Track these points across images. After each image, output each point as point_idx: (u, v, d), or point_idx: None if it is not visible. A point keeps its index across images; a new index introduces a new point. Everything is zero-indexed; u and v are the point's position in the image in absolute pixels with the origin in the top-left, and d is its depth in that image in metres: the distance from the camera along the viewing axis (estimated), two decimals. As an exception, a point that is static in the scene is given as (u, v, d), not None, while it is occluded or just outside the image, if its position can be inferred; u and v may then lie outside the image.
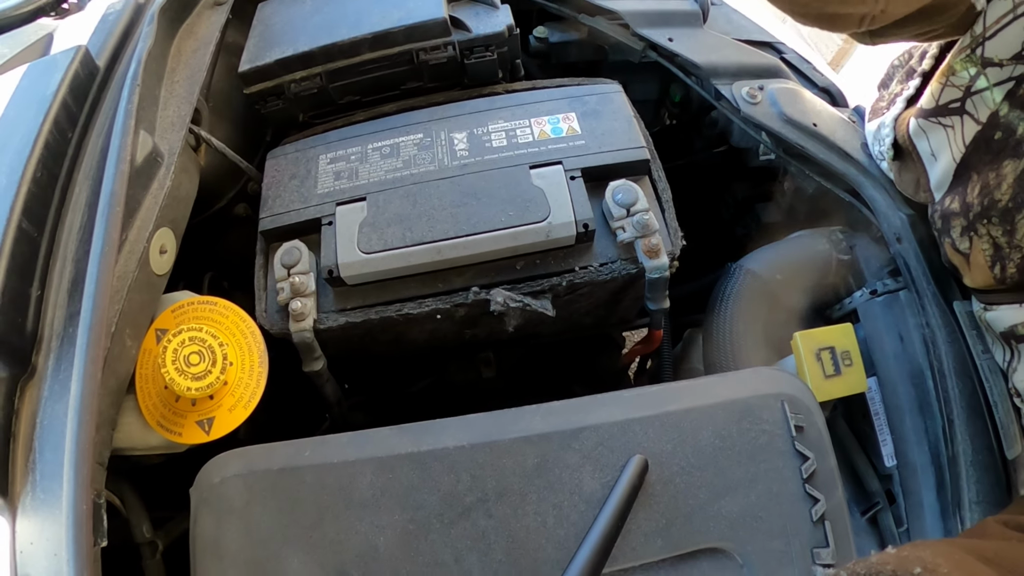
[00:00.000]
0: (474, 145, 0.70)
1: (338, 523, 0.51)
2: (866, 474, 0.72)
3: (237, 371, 0.61)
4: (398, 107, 0.78)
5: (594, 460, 0.52)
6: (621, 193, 0.66)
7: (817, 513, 0.51)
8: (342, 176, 0.70)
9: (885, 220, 0.72)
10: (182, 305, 0.63)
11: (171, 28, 0.73)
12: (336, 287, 0.66)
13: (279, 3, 0.84)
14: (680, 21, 0.85)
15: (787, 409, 0.55)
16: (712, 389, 0.57)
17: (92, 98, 0.66)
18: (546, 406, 0.55)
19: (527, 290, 0.65)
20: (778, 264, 0.77)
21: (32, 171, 0.57)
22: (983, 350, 0.65)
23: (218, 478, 0.54)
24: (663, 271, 0.65)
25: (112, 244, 0.51)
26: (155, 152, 0.62)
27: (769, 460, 0.53)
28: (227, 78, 0.81)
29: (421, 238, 0.64)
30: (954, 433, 0.63)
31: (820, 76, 0.87)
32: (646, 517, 0.51)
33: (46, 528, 0.46)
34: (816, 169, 0.77)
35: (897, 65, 0.75)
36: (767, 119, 0.76)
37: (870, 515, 0.71)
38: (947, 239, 0.65)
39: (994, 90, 0.57)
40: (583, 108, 0.72)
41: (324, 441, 0.55)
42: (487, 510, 0.51)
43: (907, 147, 0.69)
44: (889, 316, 0.72)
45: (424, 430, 0.55)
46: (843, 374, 0.68)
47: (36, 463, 0.49)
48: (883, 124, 0.72)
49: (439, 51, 0.75)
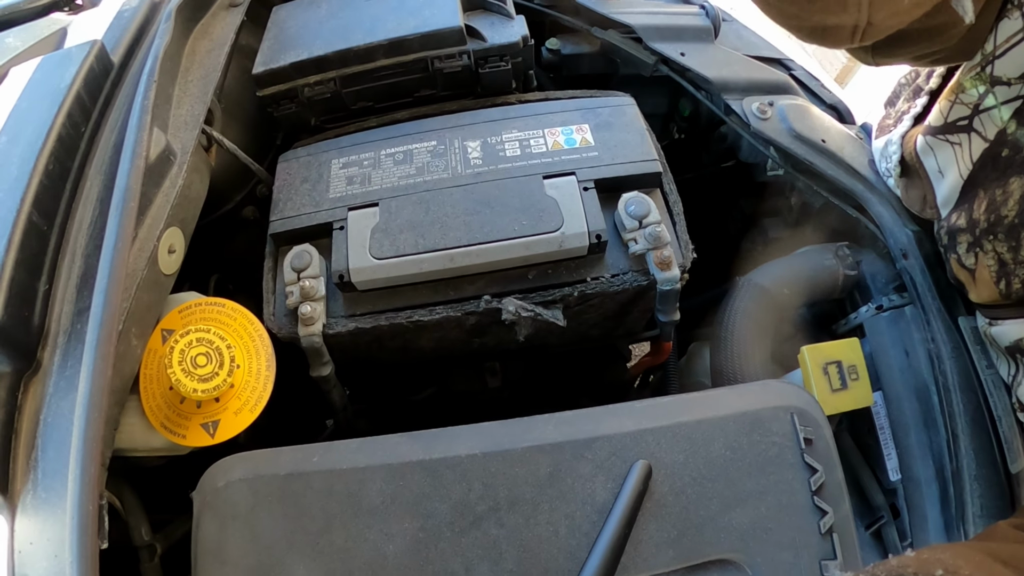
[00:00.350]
0: (488, 154, 0.70)
1: (346, 530, 0.51)
2: (871, 488, 0.73)
3: (244, 374, 0.61)
4: (411, 114, 0.78)
5: (607, 470, 0.52)
6: (634, 205, 0.67)
7: (825, 525, 0.51)
8: (354, 181, 0.70)
9: (891, 236, 0.73)
10: (189, 306, 0.63)
11: (187, 27, 0.73)
12: (346, 292, 0.66)
13: (294, 6, 0.84)
14: (692, 36, 0.86)
15: (796, 422, 0.55)
16: (723, 401, 0.57)
17: (106, 93, 0.66)
18: (558, 415, 0.55)
19: (538, 300, 0.65)
20: (785, 279, 0.78)
21: (44, 163, 0.56)
22: (987, 365, 0.66)
23: (223, 482, 0.53)
24: (674, 283, 0.65)
25: (126, 240, 0.51)
26: (168, 150, 0.62)
27: (779, 472, 0.53)
28: (240, 80, 0.81)
29: (433, 245, 0.64)
30: (958, 447, 0.64)
31: (828, 93, 0.88)
32: (657, 527, 0.51)
33: (47, 528, 0.45)
34: (824, 185, 0.78)
35: (904, 83, 0.76)
36: (776, 135, 0.77)
37: (874, 529, 0.71)
38: (953, 255, 0.66)
39: (1002, 108, 0.58)
40: (596, 120, 0.73)
41: (332, 447, 0.54)
42: (499, 519, 0.51)
43: (914, 164, 0.70)
44: (895, 331, 0.72)
45: (435, 437, 0.54)
46: (850, 388, 0.68)
47: (38, 461, 0.48)
48: (890, 141, 0.73)
49: (454, 59, 0.75)
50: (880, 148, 0.76)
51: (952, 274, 0.68)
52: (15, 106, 0.61)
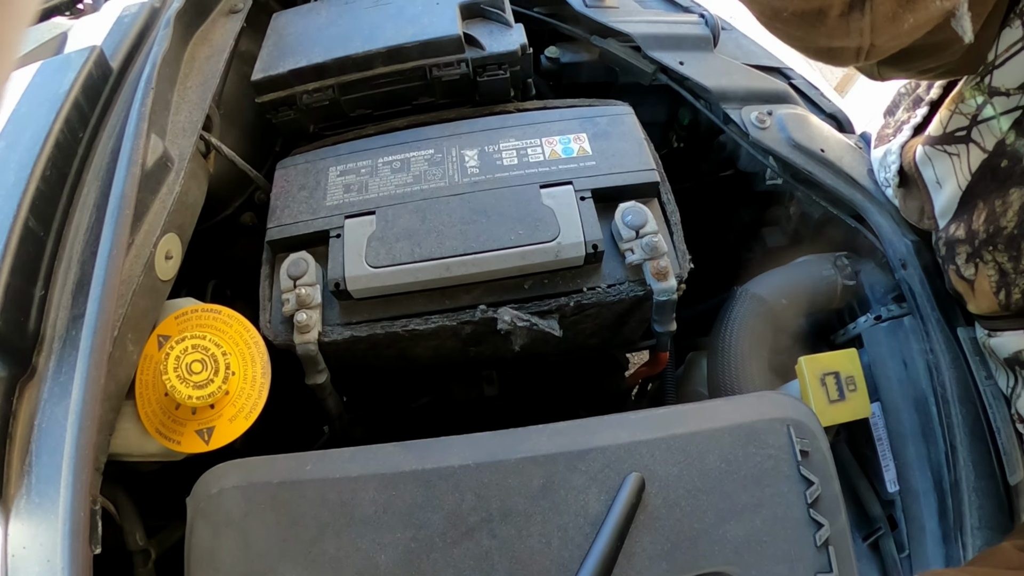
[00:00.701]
0: (485, 162, 0.70)
1: (338, 539, 0.50)
2: (868, 499, 0.72)
3: (239, 381, 0.61)
4: (409, 122, 0.78)
5: (600, 482, 0.52)
6: (631, 215, 0.67)
7: (821, 538, 0.51)
8: (352, 189, 0.70)
9: (890, 246, 0.73)
10: (185, 312, 0.63)
11: (186, 33, 0.73)
12: (342, 300, 0.66)
13: (294, 13, 0.84)
14: (691, 45, 0.86)
15: (792, 434, 0.54)
16: (718, 413, 0.57)
17: (104, 99, 0.66)
18: (552, 426, 0.55)
19: (535, 309, 0.65)
20: (783, 289, 0.78)
21: (41, 169, 0.56)
22: (986, 376, 0.66)
23: (216, 488, 0.53)
24: (671, 294, 0.65)
25: (120, 247, 0.51)
26: (165, 157, 0.62)
27: (774, 484, 0.53)
28: (239, 86, 0.81)
29: (430, 254, 0.64)
30: (956, 459, 0.64)
31: (827, 102, 0.88)
32: (651, 540, 0.51)
33: (40, 533, 0.45)
34: (823, 194, 0.78)
35: (904, 93, 0.76)
36: (775, 144, 0.77)
37: (872, 540, 0.71)
38: (952, 266, 0.66)
39: (1001, 119, 0.58)
40: (594, 129, 0.73)
41: (326, 455, 0.54)
42: (491, 530, 0.50)
43: (913, 175, 0.70)
44: (893, 342, 0.72)
45: (429, 448, 0.54)
46: (847, 399, 0.68)
47: (32, 466, 0.48)
48: (889, 151, 0.73)
49: (452, 68, 0.75)
50: (879, 158, 0.76)
51: (951, 285, 0.68)
52: (14, 111, 0.62)
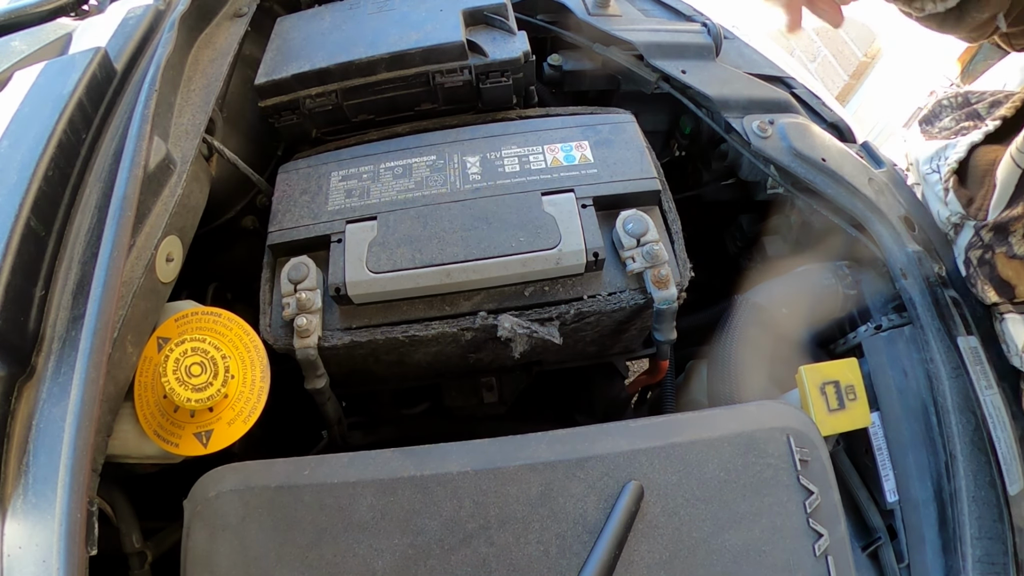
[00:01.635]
0: (487, 169, 0.70)
1: (336, 545, 0.50)
2: (867, 509, 0.72)
3: (238, 384, 0.61)
4: (411, 128, 0.79)
5: (599, 490, 0.52)
6: (632, 223, 0.67)
7: (820, 548, 0.51)
8: (353, 194, 0.70)
9: (891, 255, 0.73)
10: (185, 315, 0.63)
11: (190, 36, 0.74)
12: (342, 305, 0.66)
13: (298, 18, 0.84)
14: (693, 54, 0.86)
15: (792, 443, 0.55)
16: (718, 421, 0.57)
17: (108, 100, 0.66)
18: (551, 434, 0.55)
19: (535, 317, 0.65)
20: (784, 298, 0.77)
21: (44, 169, 0.56)
22: (986, 386, 0.66)
23: (214, 492, 0.53)
24: (671, 302, 0.65)
25: (121, 249, 0.51)
26: (168, 159, 0.62)
27: (773, 494, 0.53)
28: (242, 90, 0.82)
29: (431, 260, 0.64)
30: (956, 469, 0.63)
31: (829, 111, 0.88)
32: (649, 549, 0.51)
33: (36, 533, 0.45)
34: (824, 204, 0.78)
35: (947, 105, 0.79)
36: (777, 153, 0.77)
37: (871, 550, 0.70)
38: (1001, 248, 0.65)
39: None
40: (596, 137, 0.73)
41: (324, 460, 0.54)
42: (489, 537, 0.50)
43: (980, 173, 0.70)
44: (893, 351, 0.72)
45: (427, 454, 0.54)
46: (847, 409, 0.68)
47: (29, 466, 0.48)
48: (951, 145, 0.74)
49: (455, 74, 0.75)
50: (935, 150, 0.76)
51: (996, 275, 0.67)
52: (17, 111, 0.62)
